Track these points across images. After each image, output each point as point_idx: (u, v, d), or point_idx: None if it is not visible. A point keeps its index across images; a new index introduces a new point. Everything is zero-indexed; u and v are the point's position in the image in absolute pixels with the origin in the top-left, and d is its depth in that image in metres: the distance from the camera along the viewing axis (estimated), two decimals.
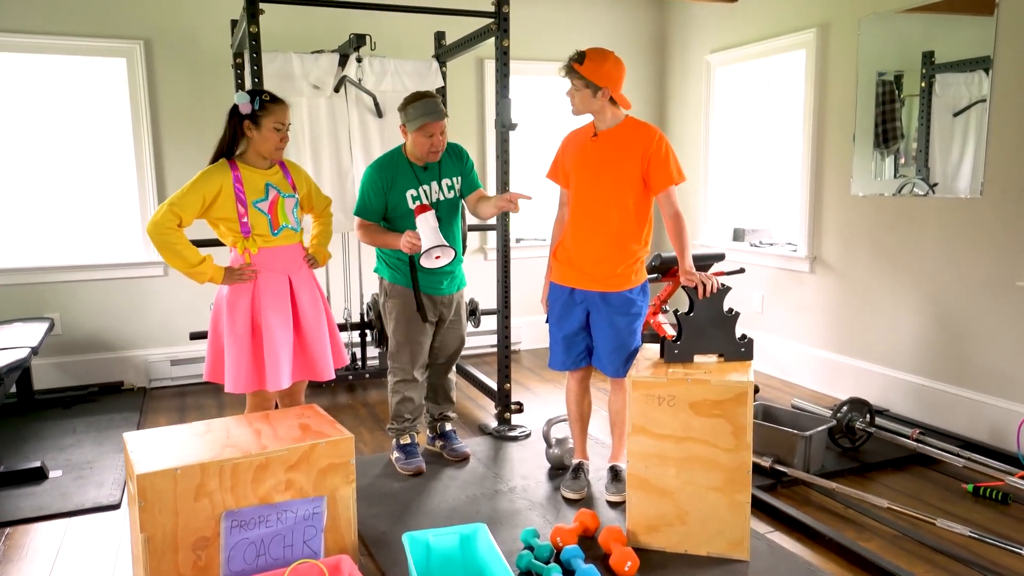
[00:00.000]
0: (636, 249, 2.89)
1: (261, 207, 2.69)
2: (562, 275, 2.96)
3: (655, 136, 2.80)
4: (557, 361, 3.03)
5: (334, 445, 2.31)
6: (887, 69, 3.98)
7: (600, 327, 2.90)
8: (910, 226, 3.91)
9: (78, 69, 4.44)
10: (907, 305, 3.95)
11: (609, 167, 2.81)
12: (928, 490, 3.12)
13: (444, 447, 3.47)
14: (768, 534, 2.74)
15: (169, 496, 2.07)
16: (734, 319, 2.69)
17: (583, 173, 2.87)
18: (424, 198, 3.15)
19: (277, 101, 2.69)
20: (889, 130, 4.05)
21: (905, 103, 3.93)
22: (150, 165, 4.53)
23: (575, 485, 3.03)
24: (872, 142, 4.08)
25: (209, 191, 2.62)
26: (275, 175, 2.78)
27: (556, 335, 3.01)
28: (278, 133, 2.69)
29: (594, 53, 2.74)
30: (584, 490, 3.03)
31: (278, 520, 2.25)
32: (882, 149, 4.08)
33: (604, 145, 2.82)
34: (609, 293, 2.86)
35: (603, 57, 2.73)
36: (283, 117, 2.69)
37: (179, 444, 2.27)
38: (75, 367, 4.51)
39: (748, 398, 2.45)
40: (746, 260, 4.95)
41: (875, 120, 4.06)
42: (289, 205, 2.78)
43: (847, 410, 3.45)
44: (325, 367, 2.84)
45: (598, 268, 2.86)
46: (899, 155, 3.99)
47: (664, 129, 5.77)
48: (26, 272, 4.38)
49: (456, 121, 4.98)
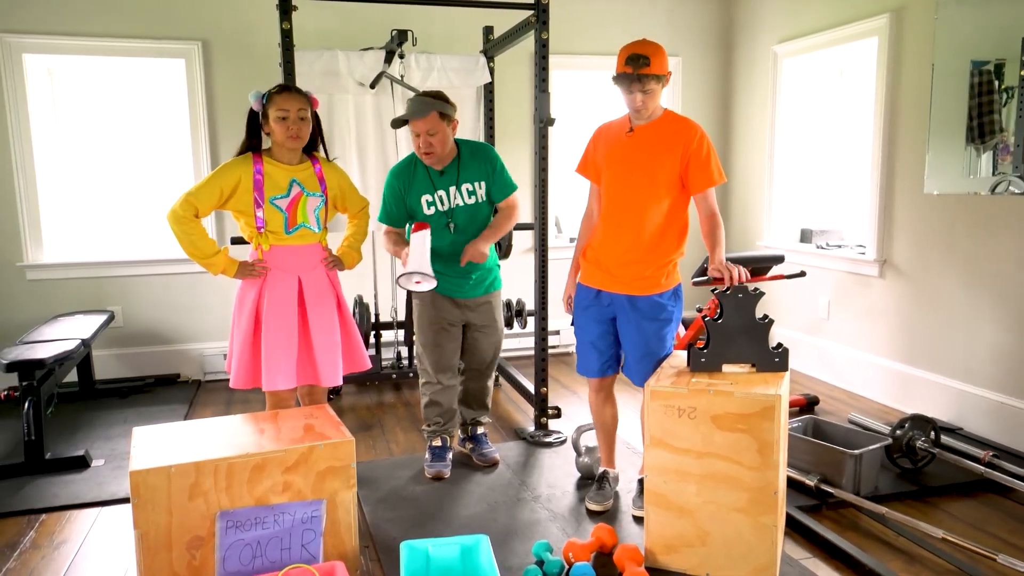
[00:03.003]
0: (669, 251, 2.71)
1: (279, 203, 2.67)
2: (589, 276, 2.82)
3: (696, 133, 2.63)
4: (585, 367, 2.89)
5: (333, 448, 2.25)
6: (986, 57, 3.63)
7: (628, 333, 2.74)
8: (993, 228, 3.56)
9: (139, 70, 4.59)
10: (986, 314, 3.60)
11: (645, 165, 2.65)
12: (995, 521, 2.81)
13: (474, 451, 3.38)
14: (804, 560, 2.52)
15: (163, 494, 2.07)
16: (767, 326, 2.49)
17: (616, 170, 2.71)
18: (439, 205, 3.03)
19: (283, 90, 2.64)
20: (986, 123, 3.70)
21: (1005, 95, 3.58)
22: (206, 163, 4.63)
23: (599, 496, 2.89)
24: (964, 135, 3.73)
25: (227, 183, 2.63)
26: (303, 171, 2.74)
27: (583, 339, 2.87)
28: (283, 123, 2.62)
29: (649, 48, 2.53)
30: (610, 502, 2.89)
31: (275, 522, 2.21)
32: (977, 144, 3.73)
33: (640, 142, 2.66)
34: (638, 297, 2.71)
35: (656, 47, 2.54)
36: (285, 104, 2.61)
37: (181, 441, 2.27)
38: (134, 359, 4.67)
39: (776, 412, 2.25)
40: (811, 263, 4.65)
41: (969, 113, 3.71)
42: (312, 204, 2.74)
43: (908, 427, 3.17)
44: (329, 373, 2.77)
45: (626, 270, 2.71)
46: (998, 150, 3.64)
47: (728, 125, 5.51)
48: (91, 266, 4.56)
49: (505, 118, 4.89)
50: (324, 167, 2.81)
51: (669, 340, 2.75)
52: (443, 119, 2.92)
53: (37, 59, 4.40)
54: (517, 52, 4.66)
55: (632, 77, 2.51)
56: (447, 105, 2.94)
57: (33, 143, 4.38)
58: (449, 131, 2.97)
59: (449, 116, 2.95)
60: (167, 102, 4.66)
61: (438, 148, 2.93)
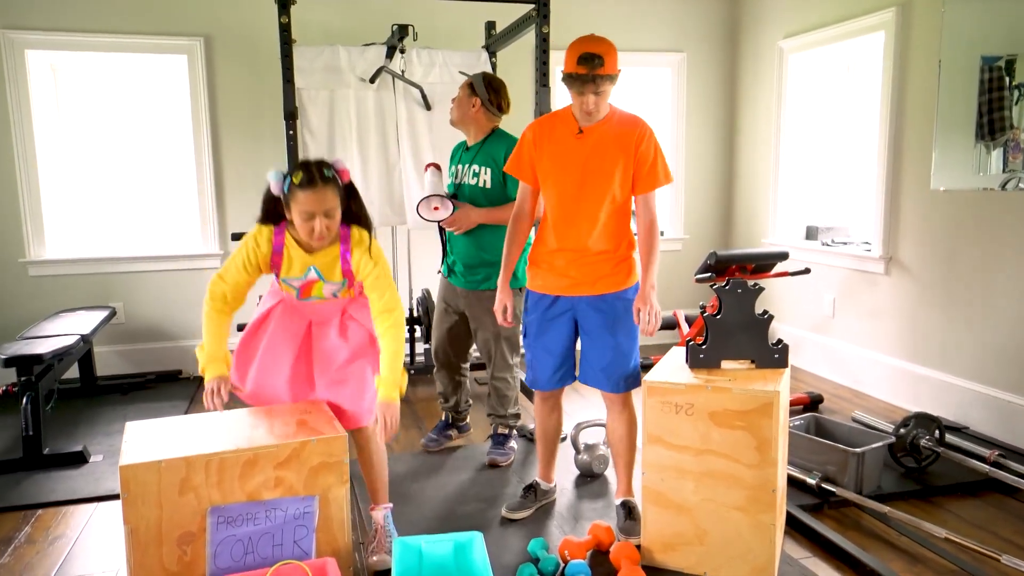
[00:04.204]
0: (631, 245, 2.59)
1: (291, 282, 2.40)
2: (543, 283, 2.62)
3: (645, 132, 2.49)
4: (541, 380, 2.68)
5: (326, 443, 2.23)
6: (996, 52, 3.57)
7: (594, 336, 2.58)
8: (1001, 225, 3.51)
9: (142, 66, 4.59)
10: (994, 312, 3.55)
11: (599, 168, 2.48)
12: (1000, 521, 2.77)
13: (489, 451, 3.35)
14: (804, 559, 2.49)
15: (153, 489, 2.05)
16: (767, 322, 2.45)
17: (566, 174, 2.52)
18: (454, 177, 3.26)
19: (308, 186, 2.17)
20: (996, 120, 3.65)
21: (1017, 92, 3.52)
22: (208, 159, 4.63)
23: (517, 505, 2.78)
24: (974, 132, 3.67)
25: (250, 258, 2.34)
26: (325, 258, 2.35)
27: (538, 350, 2.66)
28: (307, 223, 2.21)
29: (602, 45, 2.36)
30: (527, 512, 2.77)
31: (267, 518, 2.19)
32: (988, 141, 3.67)
33: (591, 143, 2.48)
34: (602, 295, 2.56)
35: (608, 45, 2.38)
36: (311, 206, 2.18)
37: (173, 436, 2.25)
38: (137, 355, 4.67)
39: (774, 409, 2.22)
40: (816, 260, 4.60)
41: (979, 110, 3.65)
42: (329, 288, 2.40)
43: (912, 426, 3.12)
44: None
45: (586, 271, 2.55)
46: (1009, 147, 3.58)
47: (734, 121, 5.47)
48: (94, 263, 4.56)
49: (508, 115, 4.84)
50: (356, 255, 2.34)
51: (637, 338, 2.63)
52: (468, 88, 3.21)
53: (40, 55, 4.41)
54: (520, 47, 4.62)
55: (586, 78, 2.33)
56: (482, 86, 3.19)
57: (36, 139, 4.38)
58: (468, 103, 3.18)
59: (475, 91, 3.18)
60: (170, 98, 4.65)
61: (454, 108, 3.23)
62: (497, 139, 3.20)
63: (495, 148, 3.15)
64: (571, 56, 2.37)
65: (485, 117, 3.19)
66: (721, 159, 5.53)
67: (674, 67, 5.36)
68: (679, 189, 5.46)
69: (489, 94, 3.16)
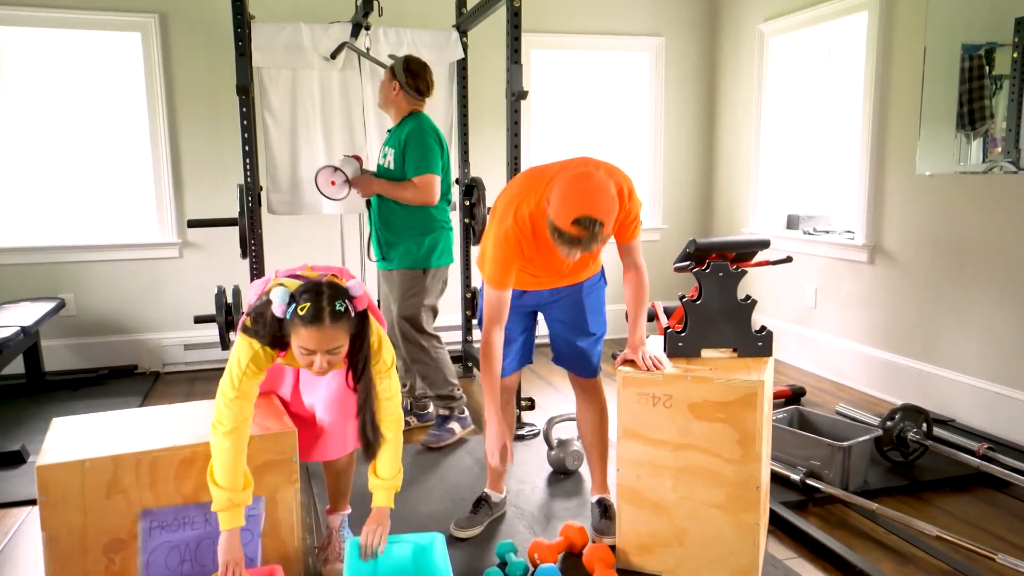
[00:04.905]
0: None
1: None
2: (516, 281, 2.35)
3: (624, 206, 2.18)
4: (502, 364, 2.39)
5: (274, 439, 2.05)
6: (977, 40, 3.45)
7: (563, 314, 2.43)
8: (987, 209, 3.39)
9: (92, 44, 4.34)
10: (980, 300, 3.43)
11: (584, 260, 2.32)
12: (992, 517, 2.64)
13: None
14: (788, 560, 2.34)
15: (76, 492, 1.85)
16: (750, 308, 2.29)
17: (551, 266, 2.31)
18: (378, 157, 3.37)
19: (313, 323, 1.80)
20: (976, 110, 3.53)
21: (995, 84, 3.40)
22: (165, 143, 4.40)
23: (467, 522, 2.49)
24: (955, 121, 3.54)
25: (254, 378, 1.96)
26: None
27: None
28: (307, 358, 1.87)
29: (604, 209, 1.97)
30: (477, 529, 2.50)
31: (206, 522, 2.00)
32: (968, 131, 3.55)
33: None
34: (564, 287, 2.42)
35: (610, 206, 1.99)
36: (310, 343, 1.82)
37: (103, 433, 2.05)
38: (88, 349, 4.43)
39: (758, 400, 2.06)
40: (798, 249, 4.47)
41: (960, 99, 3.53)
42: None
43: (898, 419, 2.99)
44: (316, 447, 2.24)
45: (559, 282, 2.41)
46: (988, 138, 3.46)
47: (713, 107, 5.32)
48: (42, 251, 4.31)
49: (479, 97, 4.68)
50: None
51: (603, 316, 2.50)
52: (388, 71, 3.25)
53: None
54: (491, 27, 4.43)
55: (579, 240, 1.96)
56: (401, 69, 3.20)
57: None
58: (388, 87, 3.23)
59: (394, 75, 3.21)
60: (124, 79, 4.41)
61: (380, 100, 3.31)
62: (409, 122, 3.23)
63: (403, 131, 3.20)
64: (566, 211, 1.94)
65: (406, 100, 3.23)
66: (700, 147, 5.39)
67: (652, 52, 5.20)
68: (657, 178, 5.31)
69: (407, 77, 3.19)
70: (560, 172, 2.13)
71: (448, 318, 4.76)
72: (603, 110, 5.22)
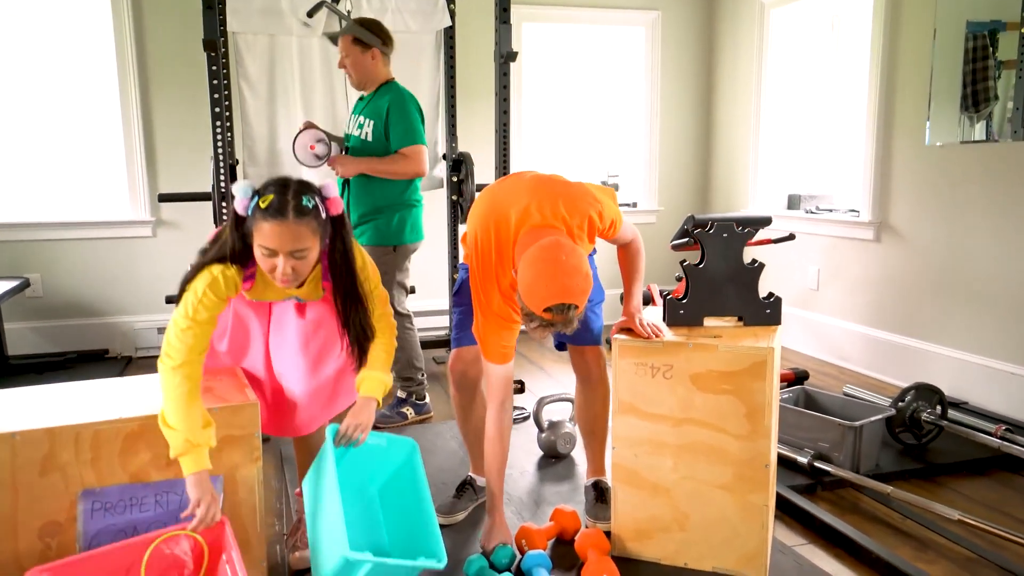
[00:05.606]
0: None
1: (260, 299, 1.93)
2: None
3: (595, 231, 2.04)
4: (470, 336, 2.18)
5: (232, 412, 1.84)
6: (982, 17, 3.29)
7: None
8: (1001, 179, 3.21)
9: (59, 8, 4.11)
10: (993, 277, 3.25)
11: None
12: (1014, 501, 2.46)
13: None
14: (798, 547, 2.15)
15: (5, 468, 1.64)
16: (757, 272, 2.11)
17: None
18: (347, 127, 3.17)
19: (275, 216, 1.63)
20: (980, 91, 3.36)
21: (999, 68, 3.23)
22: (137, 115, 4.18)
23: (448, 508, 2.31)
24: (960, 98, 3.37)
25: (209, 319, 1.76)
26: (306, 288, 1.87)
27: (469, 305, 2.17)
28: (269, 260, 1.68)
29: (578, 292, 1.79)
30: (460, 515, 2.33)
31: (156, 503, 1.80)
32: (971, 113, 3.39)
33: None
34: None
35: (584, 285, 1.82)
36: (271, 241, 1.64)
37: (41, 405, 1.85)
38: (56, 332, 4.22)
39: (767, 369, 1.87)
40: (800, 229, 4.29)
41: (963, 80, 3.36)
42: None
43: (911, 398, 2.81)
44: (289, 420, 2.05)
45: None
46: (991, 121, 3.29)
47: (711, 83, 5.13)
48: (5, 228, 4.09)
49: (468, 68, 4.47)
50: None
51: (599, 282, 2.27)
52: (357, 44, 3.01)
53: None
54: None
55: (552, 324, 1.81)
56: (368, 32, 3.01)
57: None
58: (365, 58, 3.03)
59: (366, 44, 3.01)
60: (92, 44, 4.18)
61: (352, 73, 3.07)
62: (385, 91, 3.07)
63: (381, 101, 3.04)
64: (538, 298, 1.76)
65: (383, 65, 3.10)
66: (698, 125, 5.20)
67: (648, 26, 5.01)
68: (653, 157, 5.12)
69: (379, 36, 3.05)
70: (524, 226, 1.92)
71: (434, 301, 4.58)
72: (597, 88, 5.02)
